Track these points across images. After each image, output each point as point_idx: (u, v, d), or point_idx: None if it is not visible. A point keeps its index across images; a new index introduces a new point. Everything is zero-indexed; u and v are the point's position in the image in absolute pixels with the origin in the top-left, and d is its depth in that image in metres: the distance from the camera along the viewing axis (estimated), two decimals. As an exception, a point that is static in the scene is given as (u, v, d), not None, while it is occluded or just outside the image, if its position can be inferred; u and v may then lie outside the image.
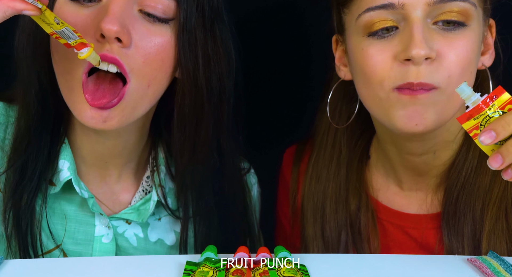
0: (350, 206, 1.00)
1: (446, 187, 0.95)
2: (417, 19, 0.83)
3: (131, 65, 0.81)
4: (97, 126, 0.82)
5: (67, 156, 0.91)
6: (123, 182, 0.96)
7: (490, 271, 0.74)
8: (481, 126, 0.71)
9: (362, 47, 0.88)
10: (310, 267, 0.76)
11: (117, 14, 0.79)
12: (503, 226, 0.90)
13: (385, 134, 0.97)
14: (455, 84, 0.83)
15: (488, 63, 0.93)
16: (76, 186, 0.90)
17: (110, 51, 0.80)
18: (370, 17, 0.86)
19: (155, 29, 0.83)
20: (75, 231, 0.93)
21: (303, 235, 1.05)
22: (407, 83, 0.84)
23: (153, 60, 0.83)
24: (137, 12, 0.82)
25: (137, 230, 0.96)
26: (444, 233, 0.93)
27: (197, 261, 0.77)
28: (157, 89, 0.86)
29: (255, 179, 1.08)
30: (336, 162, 1.03)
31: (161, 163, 0.97)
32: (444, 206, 0.94)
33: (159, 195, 0.95)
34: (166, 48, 0.83)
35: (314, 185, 1.04)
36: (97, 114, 0.81)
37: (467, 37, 0.85)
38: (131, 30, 0.81)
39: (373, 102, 0.89)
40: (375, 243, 0.99)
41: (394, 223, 0.99)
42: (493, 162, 0.70)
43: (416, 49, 0.82)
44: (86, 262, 0.79)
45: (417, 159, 0.95)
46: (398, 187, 1.01)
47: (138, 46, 0.81)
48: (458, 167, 0.93)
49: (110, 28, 0.78)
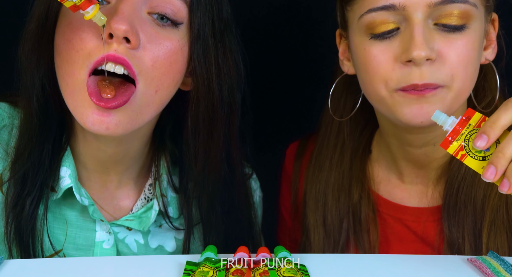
0: (353, 195, 1.01)
1: (447, 178, 0.95)
2: (418, 20, 0.84)
3: (140, 67, 0.80)
4: (100, 132, 0.80)
5: (69, 163, 0.90)
6: (123, 188, 0.96)
7: (490, 271, 0.74)
8: (465, 147, 0.72)
9: (365, 47, 0.88)
10: (310, 267, 0.76)
11: (126, 14, 0.78)
12: (504, 216, 0.90)
13: (387, 126, 0.97)
14: (460, 82, 0.85)
15: (491, 57, 0.93)
16: (76, 193, 0.89)
17: (117, 51, 0.78)
18: (372, 18, 0.86)
19: (163, 33, 0.81)
20: (76, 236, 0.93)
21: (305, 223, 1.05)
22: (411, 85, 0.84)
23: (162, 64, 0.81)
24: (146, 14, 0.81)
25: (137, 237, 0.96)
26: (444, 224, 0.93)
27: (197, 261, 0.78)
28: (163, 96, 0.84)
29: (257, 184, 1.08)
30: (340, 151, 1.03)
31: (164, 172, 0.96)
32: (445, 197, 0.94)
33: (160, 205, 0.94)
34: (175, 53, 0.82)
35: (317, 174, 1.05)
36: (100, 120, 0.79)
37: (467, 37, 0.85)
38: (140, 32, 0.79)
39: (376, 99, 0.90)
40: (374, 235, 1.00)
41: (395, 216, 1.00)
42: (487, 174, 0.70)
43: (417, 50, 0.82)
44: (86, 262, 0.79)
45: (418, 151, 0.95)
46: (399, 180, 1.01)
47: (147, 48, 0.80)
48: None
49: (119, 27, 0.76)
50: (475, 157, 0.73)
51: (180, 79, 0.85)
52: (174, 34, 0.82)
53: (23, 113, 0.89)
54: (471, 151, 0.73)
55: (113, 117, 0.79)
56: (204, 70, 0.84)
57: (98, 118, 0.79)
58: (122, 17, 0.77)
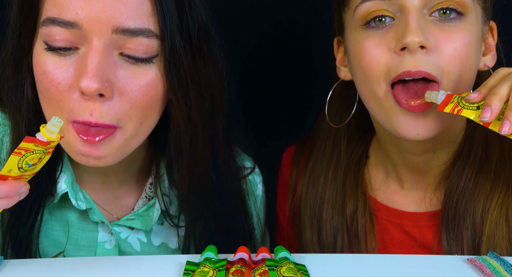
0: (346, 210, 1.00)
1: (446, 190, 0.94)
2: (413, 8, 0.83)
3: (118, 116, 0.78)
4: (91, 164, 0.80)
5: (65, 168, 0.90)
6: (124, 187, 0.96)
7: (490, 271, 0.74)
8: (459, 103, 0.79)
9: (359, 40, 0.88)
10: (310, 267, 0.76)
11: (95, 69, 0.75)
12: (503, 231, 0.89)
13: (385, 134, 0.97)
14: (453, 81, 0.84)
15: (490, 64, 0.92)
16: (72, 198, 0.89)
17: (94, 115, 0.77)
18: (366, 7, 0.86)
19: (139, 70, 0.79)
20: (78, 238, 0.93)
21: (300, 240, 1.05)
22: (404, 73, 0.83)
23: (142, 101, 0.80)
24: (118, 56, 0.78)
25: (140, 235, 0.96)
26: (443, 237, 0.92)
27: (197, 261, 0.77)
28: (149, 124, 0.84)
29: (259, 178, 1.07)
30: (334, 168, 1.03)
31: (165, 171, 0.95)
32: (444, 210, 0.93)
33: (162, 204, 0.94)
34: (153, 86, 0.80)
35: (311, 190, 1.04)
36: (88, 155, 0.79)
37: (464, 29, 0.84)
38: (113, 79, 0.77)
39: (372, 101, 0.89)
40: (372, 244, 0.99)
41: (393, 221, 0.99)
42: (483, 114, 0.75)
43: (410, 36, 0.81)
44: (86, 262, 0.79)
45: (417, 158, 0.95)
46: (398, 186, 1.00)
47: (123, 93, 0.78)
48: (459, 171, 0.93)
49: (90, 86, 0.74)
50: (470, 108, 0.78)
51: (164, 104, 0.84)
52: (149, 67, 0.80)
53: (13, 125, 0.88)
54: (465, 104, 0.78)
55: (102, 151, 0.80)
56: (181, 96, 0.83)
57: (87, 153, 0.79)
58: (92, 75, 0.75)
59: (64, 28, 0.77)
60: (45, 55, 0.79)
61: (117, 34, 0.77)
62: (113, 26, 0.76)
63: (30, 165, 0.70)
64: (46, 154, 0.70)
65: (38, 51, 0.80)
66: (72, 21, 0.76)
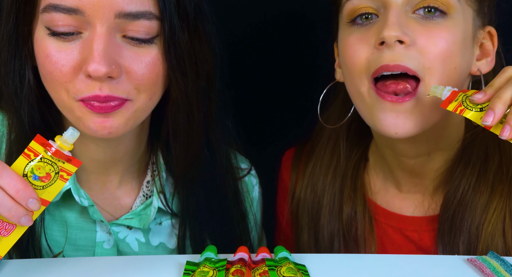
0: (343, 215, 1.00)
1: (442, 200, 0.94)
2: (395, 5, 0.84)
3: (126, 91, 0.80)
4: (103, 135, 0.81)
5: None
6: (124, 187, 0.96)
7: (490, 271, 0.74)
8: (462, 103, 0.78)
9: (344, 37, 0.89)
10: (310, 267, 0.76)
11: (102, 54, 0.76)
12: (498, 245, 0.89)
13: (380, 137, 0.97)
14: (436, 79, 0.84)
15: (484, 69, 0.91)
16: (75, 195, 0.89)
17: (102, 89, 0.78)
18: (352, 4, 0.87)
19: (142, 50, 0.81)
20: (76, 238, 0.93)
21: (298, 243, 1.05)
22: (382, 67, 0.83)
23: (149, 78, 0.81)
24: (121, 38, 0.80)
25: (138, 235, 0.96)
26: (439, 249, 0.92)
27: (197, 261, 0.78)
28: (156, 100, 0.86)
29: (256, 180, 1.07)
30: (333, 173, 1.03)
31: (162, 168, 0.96)
32: (440, 222, 0.93)
33: (161, 201, 0.94)
34: (157, 64, 0.82)
35: (309, 194, 1.04)
36: (101, 126, 0.80)
37: (447, 27, 0.84)
38: (119, 60, 0.79)
39: (357, 99, 0.89)
40: (372, 248, 0.99)
41: (393, 225, 0.99)
42: (486, 117, 0.75)
43: (387, 30, 0.82)
44: (86, 262, 0.79)
45: (412, 161, 0.95)
46: (396, 189, 1.00)
47: (130, 72, 0.80)
48: (455, 182, 0.92)
49: (99, 70, 0.76)
50: (473, 109, 0.77)
51: (165, 82, 0.86)
52: (151, 48, 0.82)
53: (12, 123, 0.88)
54: (469, 105, 0.78)
55: (113, 122, 0.81)
56: (179, 75, 0.84)
57: (99, 125, 0.80)
58: (99, 59, 0.76)
59: (67, 14, 0.77)
60: (48, 39, 0.79)
61: (120, 19, 0.78)
62: (116, 11, 0.77)
63: (36, 177, 0.69)
64: (55, 173, 0.70)
65: (40, 36, 0.80)
66: (74, 7, 0.77)
